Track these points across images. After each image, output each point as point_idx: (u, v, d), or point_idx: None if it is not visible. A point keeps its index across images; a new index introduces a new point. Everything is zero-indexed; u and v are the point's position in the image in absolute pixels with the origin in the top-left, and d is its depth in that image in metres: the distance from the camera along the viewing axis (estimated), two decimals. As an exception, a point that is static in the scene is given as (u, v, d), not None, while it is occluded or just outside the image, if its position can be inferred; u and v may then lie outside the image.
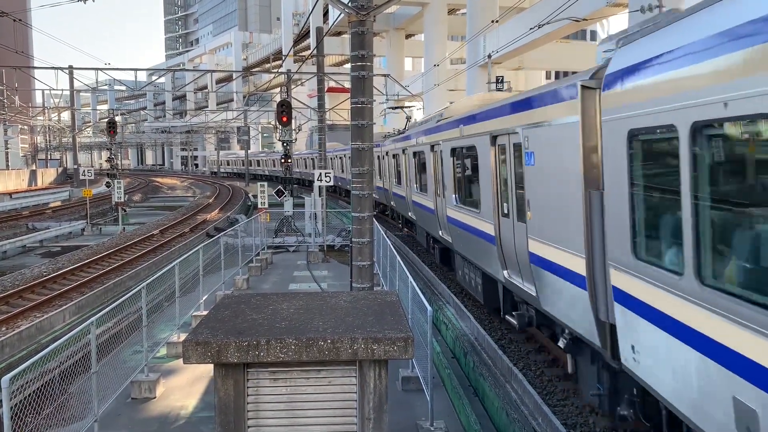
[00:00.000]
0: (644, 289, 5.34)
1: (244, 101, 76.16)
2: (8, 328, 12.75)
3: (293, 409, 5.32)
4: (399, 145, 21.09)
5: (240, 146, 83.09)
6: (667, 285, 4.92)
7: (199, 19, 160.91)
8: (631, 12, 19.42)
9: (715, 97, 4.10)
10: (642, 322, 5.43)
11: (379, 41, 55.76)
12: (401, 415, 7.69)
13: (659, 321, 5.10)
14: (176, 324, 10.61)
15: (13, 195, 49.44)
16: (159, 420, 7.79)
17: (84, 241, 25.43)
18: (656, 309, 5.15)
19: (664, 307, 4.99)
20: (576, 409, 8.15)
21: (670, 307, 4.89)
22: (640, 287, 5.40)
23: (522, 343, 10.92)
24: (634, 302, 5.56)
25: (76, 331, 7.02)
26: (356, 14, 9.63)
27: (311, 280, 16.34)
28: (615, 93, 5.76)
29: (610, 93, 5.88)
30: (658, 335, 5.11)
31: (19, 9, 62.40)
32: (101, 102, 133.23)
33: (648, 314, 5.31)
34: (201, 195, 51.86)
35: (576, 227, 6.77)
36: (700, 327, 4.41)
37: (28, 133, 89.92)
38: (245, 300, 6.41)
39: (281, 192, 22.87)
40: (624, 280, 5.76)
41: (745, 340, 3.90)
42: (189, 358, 5.07)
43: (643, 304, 5.39)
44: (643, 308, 5.38)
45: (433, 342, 7.91)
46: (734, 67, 3.92)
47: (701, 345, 4.41)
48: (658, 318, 5.10)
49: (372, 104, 10.23)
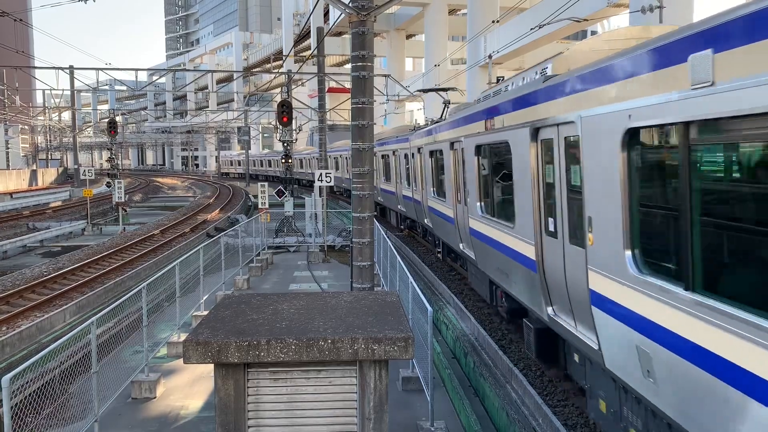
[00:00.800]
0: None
1: (245, 101, 76.19)
2: (9, 327, 12.76)
3: (293, 409, 5.32)
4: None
5: (240, 146, 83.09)
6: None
7: (200, 19, 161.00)
8: (631, 12, 19.42)
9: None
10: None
11: (379, 41, 55.79)
12: (402, 415, 7.69)
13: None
14: (176, 324, 10.61)
15: (14, 195, 49.47)
16: (159, 420, 7.79)
17: (84, 241, 25.44)
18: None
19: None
20: (576, 410, 8.15)
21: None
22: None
23: (522, 343, 10.91)
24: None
25: (76, 330, 7.02)
26: (357, 15, 9.63)
27: (312, 281, 16.34)
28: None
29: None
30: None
31: (19, 9, 62.43)
32: (102, 102, 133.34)
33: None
34: (201, 195, 51.87)
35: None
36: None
37: (29, 133, 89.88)
38: (246, 300, 6.41)
39: (281, 192, 22.87)
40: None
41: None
42: (189, 358, 5.07)
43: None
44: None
45: (433, 342, 7.91)
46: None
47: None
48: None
49: (373, 104, 10.23)
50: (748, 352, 3.93)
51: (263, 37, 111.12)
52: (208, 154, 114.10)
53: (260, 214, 21.23)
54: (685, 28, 4.59)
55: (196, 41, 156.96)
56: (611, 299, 5.75)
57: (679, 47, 4.54)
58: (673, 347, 4.71)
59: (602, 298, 5.93)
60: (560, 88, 7.00)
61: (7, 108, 61.74)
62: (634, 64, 5.23)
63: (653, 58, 4.91)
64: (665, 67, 4.73)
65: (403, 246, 20.89)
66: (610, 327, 5.82)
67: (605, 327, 5.94)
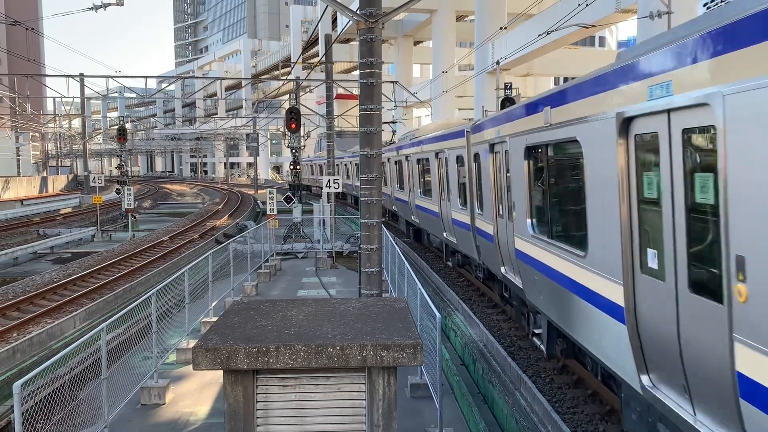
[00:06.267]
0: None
1: (253, 108, 76.50)
2: (19, 333, 12.84)
3: (302, 415, 5.33)
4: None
5: (248, 153, 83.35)
6: None
7: (209, 26, 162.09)
8: (639, 18, 19.39)
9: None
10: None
11: (387, 48, 55.98)
12: (410, 422, 7.67)
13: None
14: (186, 330, 10.64)
15: (25, 201, 49.82)
16: (168, 426, 7.81)
17: (94, 248, 25.59)
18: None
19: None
20: (586, 417, 8.10)
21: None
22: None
23: (531, 350, 10.87)
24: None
25: (86, 337, 7.06)
26: (365, 22, 9.67)
27: (320, 287, 16.35)
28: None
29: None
30: None
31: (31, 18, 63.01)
32: (111, 109, 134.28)
33: None
34: (210, 202, 52.05)
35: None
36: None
37: (40, 140, 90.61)
38: (254, 306, 6.43)
39: (290, 199, 22.93)
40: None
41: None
42: (199, 365, 5.09)
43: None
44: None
45: (442, 349, 7.90)
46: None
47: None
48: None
49: (381, 111, 10.25)
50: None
51: (271, 45, 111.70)
52: (217, 161, 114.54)
53: (268, 221, 21.30)
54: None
55: (204, 48, 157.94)
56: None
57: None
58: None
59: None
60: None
61: (18, 115, 62.27)
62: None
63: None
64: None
65: (411, 252, 20.88)
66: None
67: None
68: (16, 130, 75.93)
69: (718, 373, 4.38)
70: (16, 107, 58.73)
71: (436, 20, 44.93)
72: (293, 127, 22.11)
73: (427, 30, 49.36)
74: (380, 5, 9.84)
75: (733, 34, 4.02)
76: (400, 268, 11.95)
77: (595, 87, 6.31)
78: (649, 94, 5.14)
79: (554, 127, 7.62)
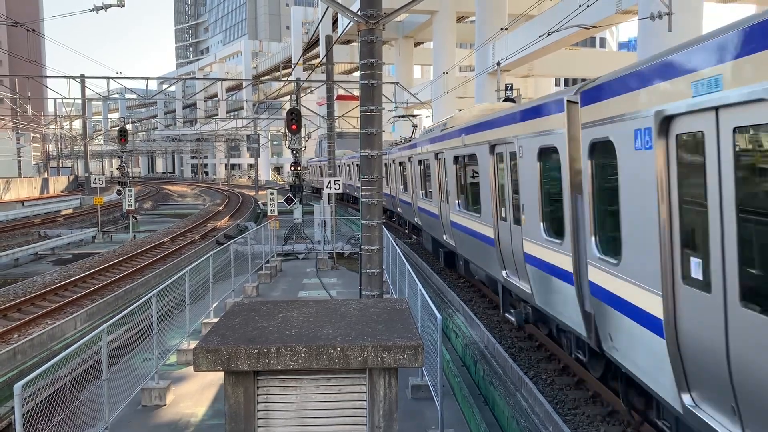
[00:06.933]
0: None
1: (254, 109, 76.56)
2: (20, 335, 12.84)
3: (303, 417, 5.32)
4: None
5: (249, 154, 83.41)
6: None
7: (210, 28, 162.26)
8: (640, 19, 19.39)
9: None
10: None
11: (388, 49, 56.00)
12: (411, 423, 7.67)
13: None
14: (186, 331, 10.64)
15: (26, 202, 49.88)
16: (169, 427, 7.81)
17: (95, 249, 25.59)
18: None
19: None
20: (587, 418, 8.09)
21: None
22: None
23: (532, 351, 10.86)
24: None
25: (87, 338, 7.06)
26: (365, 23, 9.67)
27: (320, 288, 16.35)
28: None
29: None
30: None
31: (32, 19, 63.09)
32: (112, 110, 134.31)
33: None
34: (211, 203, 52.08)
35: None
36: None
37: (40, 141, 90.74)
38: (255, 307, 6.43)
39: (290, 200, 22.94)
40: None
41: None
42: (199, 366, 5.09)
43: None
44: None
45: (442, 350, 7.89)
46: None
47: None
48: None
49: (381, 112, 10.25)
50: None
51: (272, 46, 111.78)
52: (218, 162, 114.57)
53: (269, 222, 21.30)
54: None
55: (205, 50, 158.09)
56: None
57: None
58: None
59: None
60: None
61: (19, 116, 62.36)
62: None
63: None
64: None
65: (412, 253, 20.88)
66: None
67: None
68: (17, 132, 76.05)
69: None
70: (17, 108, 58.82)
71: (437, 21, 44.96)
72: (294, 128, 22.12)
73: (428, 31, 49.39)
74: (381, 6, 9.84)
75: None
76: (401, 269, 11.95)
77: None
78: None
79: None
